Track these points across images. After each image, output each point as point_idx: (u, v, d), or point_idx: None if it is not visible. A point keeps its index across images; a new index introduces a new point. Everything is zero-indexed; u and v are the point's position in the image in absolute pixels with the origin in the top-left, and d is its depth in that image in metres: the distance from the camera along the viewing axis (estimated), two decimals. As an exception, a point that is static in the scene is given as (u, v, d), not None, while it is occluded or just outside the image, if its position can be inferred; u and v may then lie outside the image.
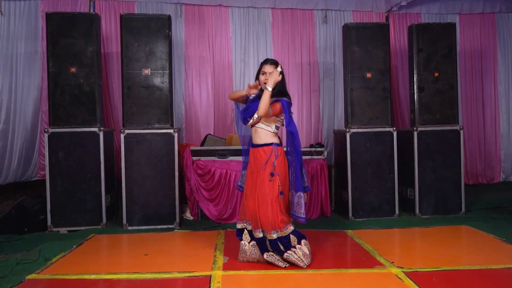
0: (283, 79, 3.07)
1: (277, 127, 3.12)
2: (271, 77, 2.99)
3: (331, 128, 5.69)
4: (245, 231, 3.14)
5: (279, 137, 3.16)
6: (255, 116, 3.02)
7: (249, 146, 3.21)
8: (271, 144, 3.05)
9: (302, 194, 3.02)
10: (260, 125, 3.07)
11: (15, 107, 5.01)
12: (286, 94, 3.12)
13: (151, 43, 4.31)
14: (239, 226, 3.19)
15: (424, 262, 3.05)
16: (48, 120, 4.49)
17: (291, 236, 2.99)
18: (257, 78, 3.17)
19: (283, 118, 3.09)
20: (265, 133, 3.07)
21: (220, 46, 5.67)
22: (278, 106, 3.02)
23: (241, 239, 3.15)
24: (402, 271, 2.84)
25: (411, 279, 2.69)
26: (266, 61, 3.14)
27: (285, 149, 3.17)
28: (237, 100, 3.35)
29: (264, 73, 3.09)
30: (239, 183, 3.40)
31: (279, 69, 3.02)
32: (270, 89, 2.96)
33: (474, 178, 6.14)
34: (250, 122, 3.09)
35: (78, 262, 3.16)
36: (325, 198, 4.71)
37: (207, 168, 4.53)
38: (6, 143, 4.91)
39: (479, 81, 6.17)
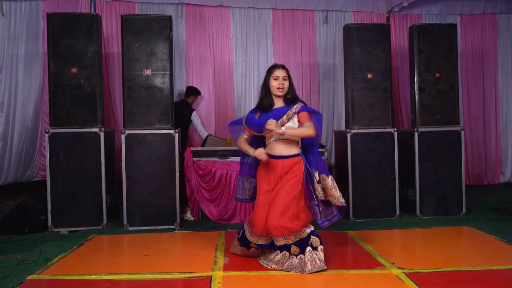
0: (292, 83, 3.05)
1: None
2: (276, 128, 2.81)
3: (330, 128, 5.69)
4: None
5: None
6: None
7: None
8: (298, 155, 2.99)
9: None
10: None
11: (16, 108, 5.02)
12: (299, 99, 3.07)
13: (152, 43, 4.31)
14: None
15: (425, 263, 3.04)
16: (49, 120, 4.49)
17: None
18: (264, 84, 3.04)
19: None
20: (291, 142, 2.98)
21: (220, 46, 5.68)
22: (306, 114, 2.97)
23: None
24: (403, 272, 2.83)
25: (412, 280, 2.68)
26: (277, 66, 3.04)
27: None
28: (245, 146, 3.04)
29: (277, 77, 2.98)
30: (238, 196, 3.24)
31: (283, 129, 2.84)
32: (284, 130, 2.83)
33: (475, 179, 6.15)
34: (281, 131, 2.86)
35: (78, 262, 3.16)
36: (326, 199, 4.71)
37: (207, 169, 4.53)
38: (6, 143, 4.92)
39: (480, 82, 6.17)
